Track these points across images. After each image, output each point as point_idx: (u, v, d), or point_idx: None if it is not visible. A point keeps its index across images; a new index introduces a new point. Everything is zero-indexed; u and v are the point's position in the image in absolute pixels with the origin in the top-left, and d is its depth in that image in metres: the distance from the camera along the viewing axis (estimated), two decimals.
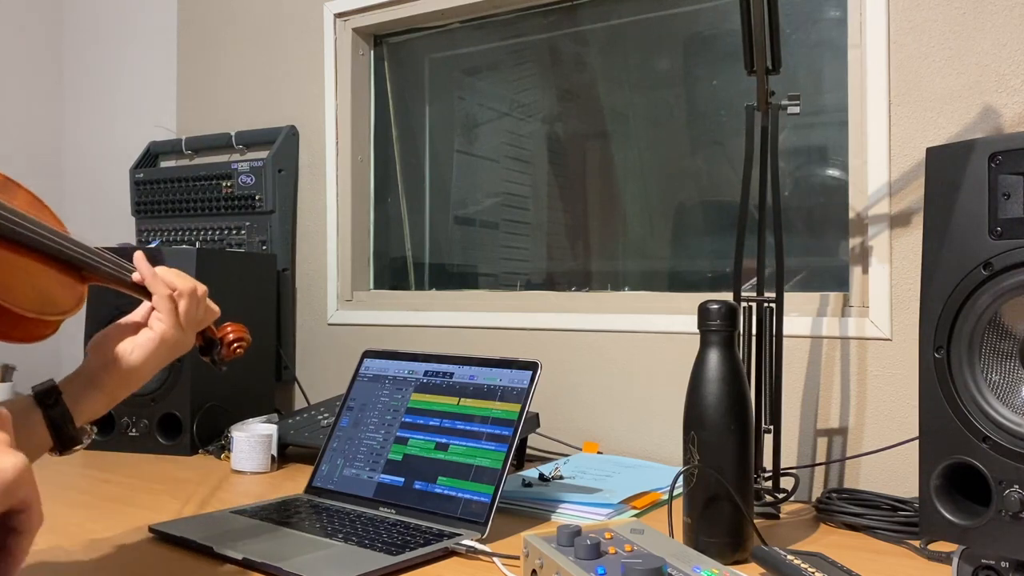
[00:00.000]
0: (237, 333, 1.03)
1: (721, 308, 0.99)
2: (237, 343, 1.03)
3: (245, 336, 1.04)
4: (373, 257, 2.02)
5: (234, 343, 1.03)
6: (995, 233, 0.80)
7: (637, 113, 1.74)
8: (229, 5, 2.18)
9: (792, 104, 1.20)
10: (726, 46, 1.61)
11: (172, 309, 0.90)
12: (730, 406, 0.97)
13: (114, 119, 2.43)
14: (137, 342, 0.88)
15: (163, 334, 0.89)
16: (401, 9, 1.88)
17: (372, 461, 1.20)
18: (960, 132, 1.25)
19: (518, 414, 1.12)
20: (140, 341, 0.88)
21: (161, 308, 0.89)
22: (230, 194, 2.01)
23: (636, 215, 1.74)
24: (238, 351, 1.03)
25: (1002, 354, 0.81)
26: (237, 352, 1.04)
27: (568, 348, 1.63)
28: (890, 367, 1.31)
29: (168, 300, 0.90)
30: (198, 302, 0.93)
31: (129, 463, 1.52)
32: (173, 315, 0.90)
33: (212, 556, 0.97)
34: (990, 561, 0.81)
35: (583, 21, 1.78)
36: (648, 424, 1.53)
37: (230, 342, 1.03)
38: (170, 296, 0.90)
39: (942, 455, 0.82)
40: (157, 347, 0.89)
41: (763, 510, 1.17)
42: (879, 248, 1.32)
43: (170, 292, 0.90)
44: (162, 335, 0.89)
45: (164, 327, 0.89)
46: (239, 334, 1.04)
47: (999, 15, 1.23)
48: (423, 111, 2.03)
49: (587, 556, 0.78)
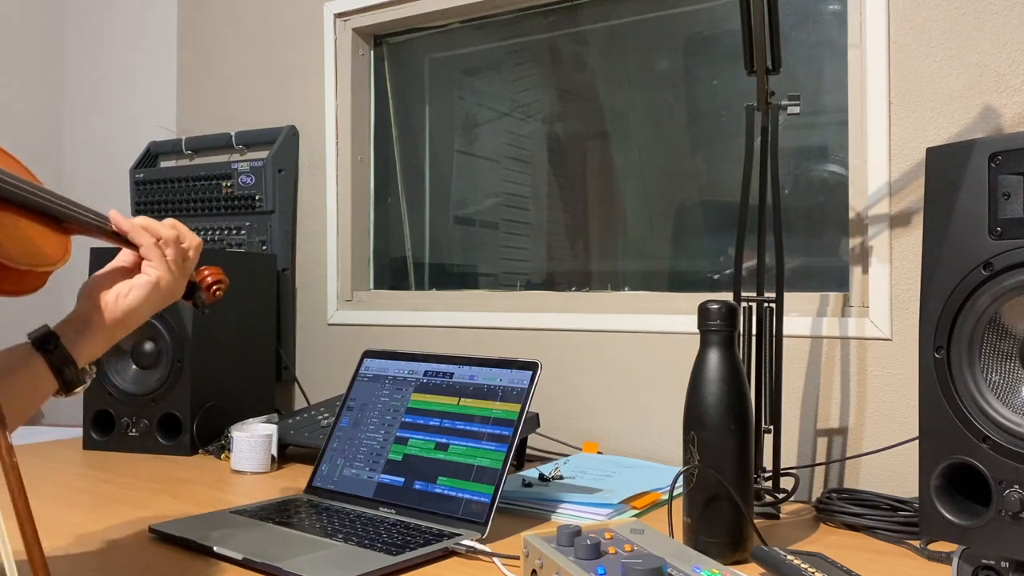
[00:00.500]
0: (215, 276, 1.03)
1: (721, 308, 0.99)
2: (216, 285, 1.03)
3: (222, 278, 1.04)
4: (373, 257, 2.02)
5: (213, 286, 1.03)
6: (995, 233, 0.80)
7: (637, 113, 1.74)
8: (229, 5, 2.18)
9: (792, 104, 1.20)
10: (726, 46, 1.61)
11: (161, 255, 0.91)
12: (730, 406, 0.97)
13: (114, 119, 2.43)
14: (133, 283, 0.90)
15: (159, 279, 0.90)
16: (401, 9, 1.88)
17: (372, 461, 1.20)
18: (960, 132, 1.25)
19: (518, 414, 1.12)
20: (136, 283, 0.90)
21: (151, 256, 0.91)
22: (230, 194, 2.02)
23: (636, 215, 1.74)
24: (218, 293, 1.03)
25: (1002, 354, 0.81)
26: (217, 295, 1.03)
27: (568, 348, 1.63)
28: (890, 367, 1.31)
29: (155, 248, 0.91)
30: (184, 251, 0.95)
31: (129, 463, 1.52)
32: (163, 261, 0.91)
33: (212, 556, 0.97)
34: (990, 561, 0.81)
35: (583, 21, 1.78)
36: (648, 424, 1.53)
37: (208, 285, 1.03)
38: (156, 243, 0.91)
39: (942, 455, 0.82)
40: (152, 291, 0.90)
41: (763, 510, 1.17)
42: (879, 248, 1.32)
43: (155, 240, 0.92)
44: (158, 279, 0.90)
45: (159, 272, 0.91)
46: (216, 276, 1.03)
47: (999, 15, 1.23)
48: (423, 111, 2.03)
49: (587, 556, 0.78)
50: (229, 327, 1.73)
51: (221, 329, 1.70)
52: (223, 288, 1.04)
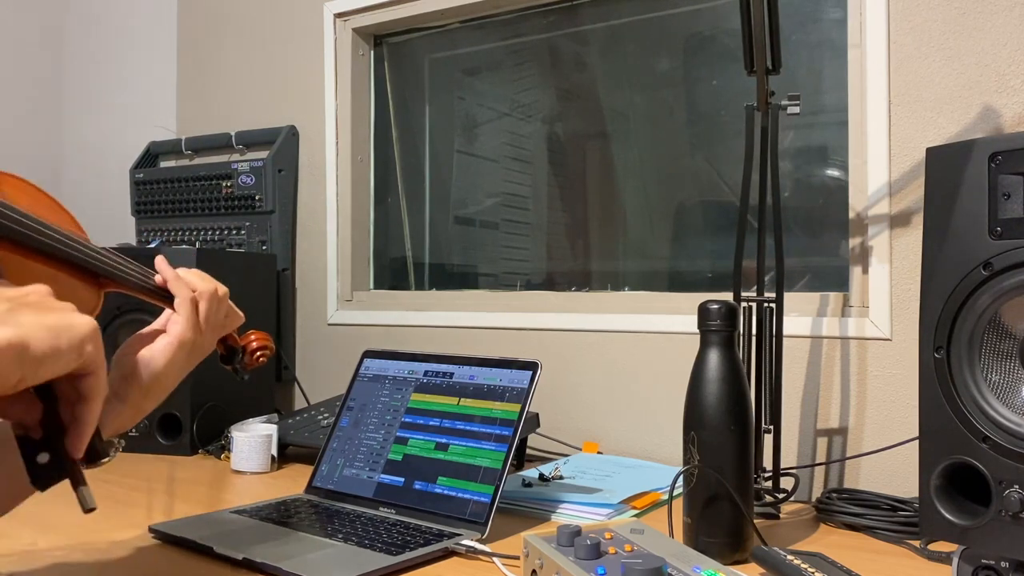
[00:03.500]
0: (261, 341, 1.01)
1: (721, 308, 0.99)
2: (260, 351, 1.01)
3: (269, 344, 1.02)
4: (373, 257, 2.02)
5: (257, 352, 1.01)
6: (995, 233, 0.80)
7: (637, 113, 1.74)
8: (229, 5, 2.18)
9: (792, 104, 1.20)
10: (726, 46, 1.61)
11: (192, 311, 0.88)
12: (730, 406, 0.97)
13: (114, 119, 2.43)
14: (155, 348, 0.86)
15: (181, 337, 0.86)
16: (401, 9, 1.88)
17: (372, 461, 1.20)
18: (960, 132, 1.25)
19: (518, 414, 1.12)
20: (158, 347, 0.86)
21: (181, 310, 0.87)
22: (230, 194, 2.02)
23: (636, 215, 1.74)
24: (261, 360, 1.01)
25: (1002, 354, 0.81)
26: (260, 361, 1.01)
27: (568, 348, 1.63)
28: (890, 367, 1.31)
29: (189, 303, 0.88)
30: (219, 303, 0.91)
31: (129, 463, 1.52)
32: (192, 317, 0.87)
33: (212, 556, 0.97)
34: (990, 561, 0.81)
35: (583, 21, 1.78)
36: (648, 424, 1.53)
37: (253, 350, 1.01)
38: (192, 299, 0.88)
39: (942, 455, 0.82)
40: (175, 352, 0.86)
41: (763, 510, 1.17)
42: (879, 248, 1.32)
43: (191, 294, 0.88)
44: (180, 338, 0.86)
45: (181, 329, 0.86)
46: (263, 342, 1.01)
47: (999, 15, 1.23)
48: (423, 111, 2.03)
49: (587, 556, 0.78)
50: None
51: None
52: (268, 355, 1.01)
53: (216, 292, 0.91)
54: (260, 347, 1.01)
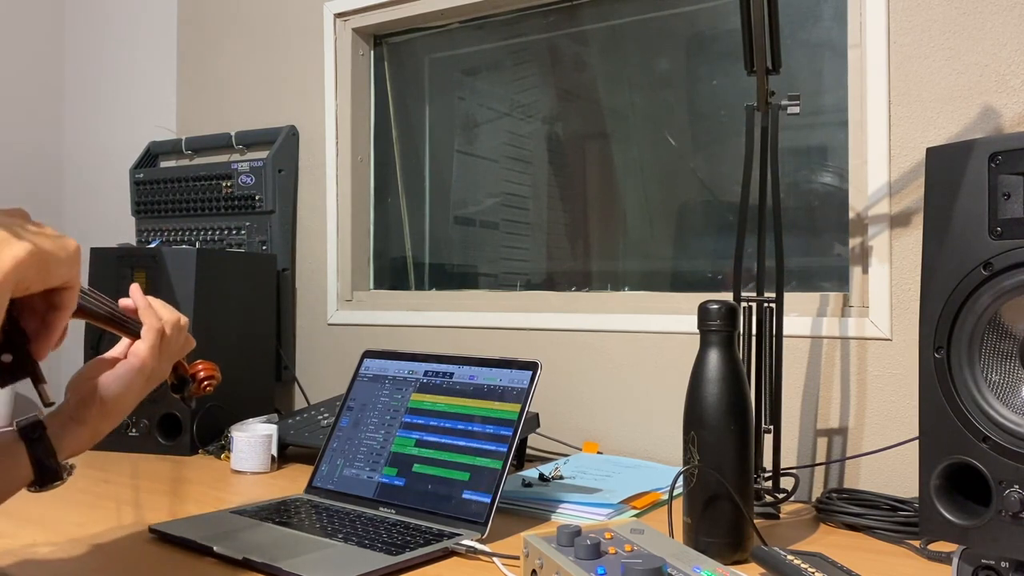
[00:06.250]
0: (208, 372, 1.05)
1: (721, 308, 0.99)
2: (207, 381, 1.05)
3: (215, 374, 1.06)
4: (373, 257, 2.02)
5: (204, 381, 1.05)
6: (995, 233, 0.80)
7: (637, 113, 1.74)
8: (229, 5, 2.18)
9: (792, 104, 1.20)
10: (726, 46, 1.61)
11: (157, 340, 0.91)
12: (730, 406, 0.97)
13: (114, 119, 2.43)
14: (116, 374, 0.89)
15: (143, 363, 0.89)
16: (401, 9, 1.88)
17: (372, 461, 1.20)
18: (960, 132, 1.25)
19: (518, 414, 1.12)
20: (119, 372, 0.89)
21: (147, 337, 0.91)
22: (230, 194, 2.01)
23: (636, 215, 1.74)
24: (207, 389, 1.05)
25: (1002, 354, 0.81)
26: (207, 390, 1.06)
27: (568, 348, 1.63)
28: (890, 367, 1.31)
29: (156, 332, 0.91)
30: (179, 332, 0.95)
31: (129, 463, 1.52)
32: (157, 346, 0.91)
33: (212, 556, 0.97)
34: (990, 561, 0.81)
35: (583, 21, 1.78)
36: (648, 424, 1.53)
37: (200, 380, 1.05)
38: (159, 328, 0.92)
39: (942, 455, 0.82)
40: (135, 377, 0.89)
41: (763, 510, 1.17)
42: (879, 248, 1.32)
43: (159, 324, 0.92)
44: (141, 364, 0.89)
45: (143, 357, 0.90)
46: (209, 372, 1.05)
47: (999, 15, 1.23)
48: (423, 111, 2.03)
49: (587, 556, 0.78)
50: (229, 327, 1.73)
51: (221, 329, 1.70)
52: (214, 384, 1.06)
53: (179, 322, 0.95)
54: (207, 376, 1.05)
